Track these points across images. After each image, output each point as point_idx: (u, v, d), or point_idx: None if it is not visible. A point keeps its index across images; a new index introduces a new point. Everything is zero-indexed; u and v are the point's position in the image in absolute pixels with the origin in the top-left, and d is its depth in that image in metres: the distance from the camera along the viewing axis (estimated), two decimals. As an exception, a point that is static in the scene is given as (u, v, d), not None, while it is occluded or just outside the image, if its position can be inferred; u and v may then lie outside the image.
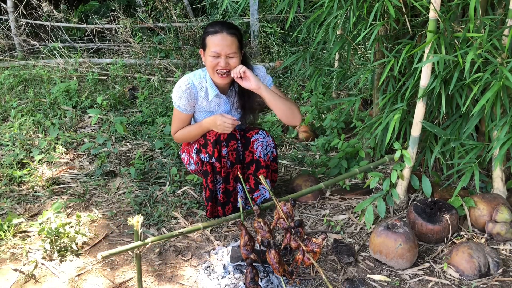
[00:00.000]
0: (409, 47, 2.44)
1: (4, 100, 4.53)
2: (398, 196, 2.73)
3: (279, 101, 2.59)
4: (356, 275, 2.30)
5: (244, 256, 2.10)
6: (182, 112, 2.66)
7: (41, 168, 3.34)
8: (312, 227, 2.68)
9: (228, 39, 2.49)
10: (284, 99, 2.63)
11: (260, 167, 2.65)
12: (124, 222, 2.73)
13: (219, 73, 2.54)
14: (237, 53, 2.52)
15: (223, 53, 2.49)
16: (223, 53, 2.49)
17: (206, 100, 2.66)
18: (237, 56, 2.53)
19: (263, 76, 2.69)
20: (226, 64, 2.51)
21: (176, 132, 2.73)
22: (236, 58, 2.53)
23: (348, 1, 2.65)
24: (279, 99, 2.59)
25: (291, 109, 2.62)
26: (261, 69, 2.71)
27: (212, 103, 2.67)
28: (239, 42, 2.53)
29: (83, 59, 5.64)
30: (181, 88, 2.61)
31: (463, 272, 2.24)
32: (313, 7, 3.03)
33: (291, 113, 2.63)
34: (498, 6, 2.50)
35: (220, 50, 2.49)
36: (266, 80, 2.70)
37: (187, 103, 2.63)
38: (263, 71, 2.71)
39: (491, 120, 2.52)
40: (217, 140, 2.56)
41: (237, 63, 2.53)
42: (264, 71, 2.72)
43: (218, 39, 2.49)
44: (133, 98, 4.67)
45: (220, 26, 2.51)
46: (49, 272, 2.32)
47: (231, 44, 2.49)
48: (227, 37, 2.49)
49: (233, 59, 2.52)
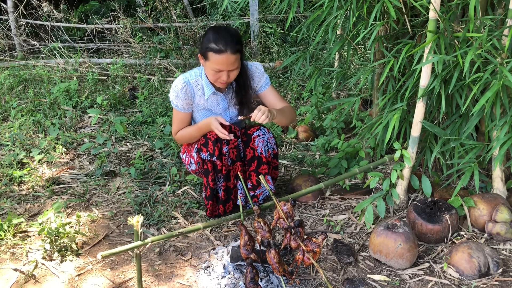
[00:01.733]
0: (409, 47, 2.44)
1: (4, 100, 4.53)
2: (398, 196, 2.74)
3: (284, 119, 2.66)
4: (356, 275, 2.30)
5: (244, 256, 2.11)
6: (180, 112, 2.66)
7: (41, 168, 3.34)
8: (312, 227, 2.68)
9: (231, 58, 2.47)
10: (285, 110, 2.66)
11: (261, 163, 2.65)
12: (124, 222, 2.74)
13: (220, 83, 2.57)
14: (238, 66, 2.54)
15: (225, 69, 2.50)
16: (226, 69, 2.50)
17: (203, 98, 2.67)
18: (238, 67, 2.55)
19: (260, 74, 2.70)
20: (227, 77, 2.53)
21: (177, 133, 2.73)
22: (237, 69, 2.55)
23: (348, 1, 2.65)
24: (283, 118, 2.65)
25: (291, 117, 2.72)
26: (258, 66, 2.71)
27: (209, 101, 2.68)
28: (241, 54, 2.53)
29: (83, 59, 5.64)
30: (177, 87, 2.61)
31: (463, 272, 2.24)
32: (313, 7, 3.03)
33: (290, 121, 2.75)
34: (498, 6, 2.51)
35: (225, 68, 2.50)
36: (263, 79, 2.70)
37: (184, 102, 2.63)
38: (260, 69, 2.71)
39: (491, 120, 2.52)
40: (218, 138, 2.57)
41: (238, 72, 2.56)
42: (261, 69, 2.72)
43: (222, 59, 2.46)
44: (133, 98, 4.67)
45: (224, 44, 2.44)
46: (49, 272, 2.32)
47: (234, 61, 2.49)
48: (232, 57, 2.47)
49: (233, 71, 2.53)
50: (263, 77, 2.70)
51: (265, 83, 2.71)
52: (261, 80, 2.70)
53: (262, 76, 2.70)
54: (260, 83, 2.72)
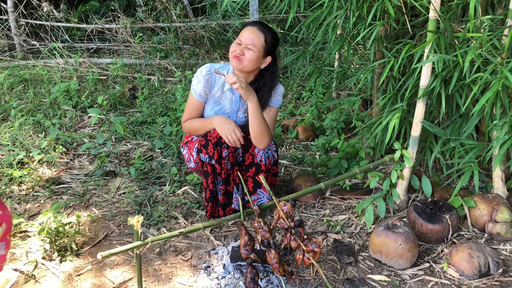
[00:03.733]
0: (409, 47, 2.44)
1: (4, 100, 4.53)
2: (398, 196, 2.73)
3: (257, 121, 2.56)
4: (356, 275, 2.30)
5: (244, 256, 2.10)
6: (195, 99, 2.68)
7: (41, 168, 3.34)
8: (312, 227, 2.68)
9: (254, 32, 2.55)
10: (264, 124, 2.59)
11: (260, 171, 2.65)
12: (124, 222, 2.73)
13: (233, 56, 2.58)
14: (256, 49, 2.54)
15: (244, 43, 2.54)
16: (244, 43, 2.54)
17: (221, 91, 2.69)
18: (256, 52, 2.54)
19: (278, 94, 2.72)
20: (241, 51, 2.54)
21: (186, 121, 2.74)
22: (253, 52, 2.53)
23: (348, 1, 2.65)
24: (258, 120, 2.56)
25: (263, 135, 2.59)
26: (282, 89, 2.74)
27: (224, 96, 2.69)
28: (265, 42, 2.55)
29: (83, 59, 5.64)
30: (202, 73, 2.64)
31: (463, 272, 2.24)
32: (313, 7, 3.03)
33: (260, 137, 2.59)
34: (498, 6, 2.51)
35: (244, 39, 2.55)
36: (277, 99, 2.72)
37: (203, 90, 2.65)
38: (281, 91, 2.74)
39: (491, 120, 2.52)
40: (218, 142, 2.57)
41: (253, 57, 2.54)
42: (282, 91, 2.74)
43: (246, 31, 2.56)
44: (133, 98, 4.67)
45: (258, 24, 2.61)
46: (49, 272, 2.32)
47: (254, 37, 2.53)
48: (255, 31, 2.55)
49: (250, 51, 2.54)
50: (278, 97, 2.73)
51: (275, 102, 2.72)
52: (275, 99, 2.72)
53: (278, 96, 2.73)
54: (273, 100, 2.73)
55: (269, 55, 2.61)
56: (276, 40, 2.63)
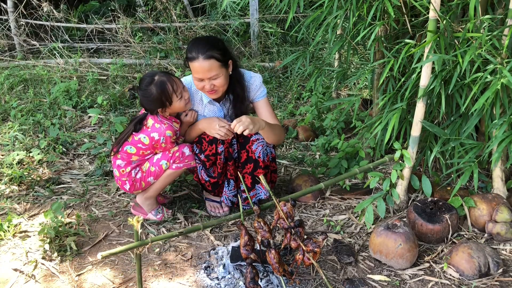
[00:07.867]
0: (408, 46, 2.44)
1: (4, 100, 4.53)
2: (398, 196, 2.73)
3: (272, 134, 2.59)
4: (356, 275, 2.30)
5: (244, 256, 2.10)
6: None
7: (41, 168, 3.34)
8: (312, 227, 2.68)
9: (205, 65, 2.43)
10: (276, 129, 2.62)
11: (258, 167, 2.65)
12: (124, 222, 2.74)
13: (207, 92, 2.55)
14: (219, 73, 2.48)
15: (205, 77, 2.47)
16: (206, 77, 2.47)
17: (201, 105, 2.68)
18: (221, 76, 2.49)
19: (258, 86, 2.67)
20: (211, 86, 2.50)
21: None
22: (220, 78, 2.49)
23: (348, 1, 2.65)
24: (272, 132, 2.59)
25: (280, 136, 2.66)
26: (257, 78, 2.69)
27: (206, 109, 2.69)
28: (219, 61, 2.46)
29: (83, 59, 5.64)
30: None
31: (463, 272, 2.24)
32: (312, 6, 3.03)
33: (278, 139, 2.67)
34: (498, 6, 2.51)
35: (202, 76, 2.47)
36: (259, 91, 2.68)
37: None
38: (258, 81, 2.69)
39: (491, 120, 2.52)
40: (214, 139, 2.59)
41: (223, 80, 2.50)
42: (260, 81, 2.69)
43: (196, 66, 2.44)
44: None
45: (196, 51, 2.43)
46: (49, 272, 2.32)
47: (209, 68, 2.44)
48: (204, 63, 2.43)
49: (217, 79, 2.49)
50: (260, 89, 2.69)
51: (261, 95, 2.70)
52: (257, 92, 2.69)
53: (259, 88, 2.68)
54: (256, 94, 2.70)
55: (228, 60, 2.54)
56: (221, 43, 2.53)
